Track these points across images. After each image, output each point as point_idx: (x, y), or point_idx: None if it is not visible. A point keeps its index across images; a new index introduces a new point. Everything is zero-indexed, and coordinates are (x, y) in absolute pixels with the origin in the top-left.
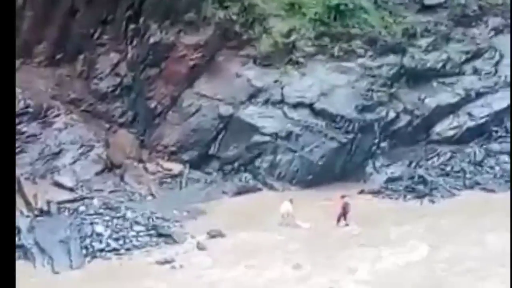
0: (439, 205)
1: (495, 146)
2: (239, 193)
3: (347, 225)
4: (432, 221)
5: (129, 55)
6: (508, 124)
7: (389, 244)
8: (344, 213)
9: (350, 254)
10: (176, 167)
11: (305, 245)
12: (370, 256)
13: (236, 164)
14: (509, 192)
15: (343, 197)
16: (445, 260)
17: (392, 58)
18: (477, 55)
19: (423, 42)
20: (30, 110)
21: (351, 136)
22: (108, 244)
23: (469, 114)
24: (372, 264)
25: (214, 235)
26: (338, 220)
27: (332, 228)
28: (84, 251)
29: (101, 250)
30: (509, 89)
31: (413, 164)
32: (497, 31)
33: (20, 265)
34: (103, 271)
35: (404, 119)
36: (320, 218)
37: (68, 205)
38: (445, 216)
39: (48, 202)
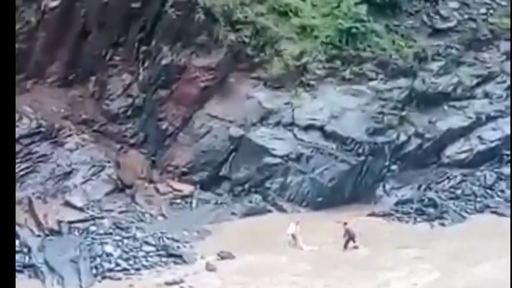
0: (449, 229)
1: (506, 170)
2: (248, 214)
3: (355, 247)
4: (442, 245)
5: (141, 77)
6: None
7: (398, 268)
8: (350, 238)
9: (358, 277)
10: (186, 188)
11: (314, 268)
12: (379, 280)
13: (246, 186)
14: None
15: (345, 224)
16: (454, 285)
17: (403, 82)
18: (488, 79)
19: (434, 65)
20: (42, 130)
21: (361, 158)
22: (118, 264)
23: (480, 138)
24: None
25: (223, 256)
26: (345, 246)
27: (341, 251)
28: (94, 271)
29: (111, 270)
30: None
31: (423, 187)
32: (508, 55)
33: (31, 284)
34: None
35: (415, 142)
36: (329, 240)
37: (78, 225)
38: (456, 240)
39: (59, 222)
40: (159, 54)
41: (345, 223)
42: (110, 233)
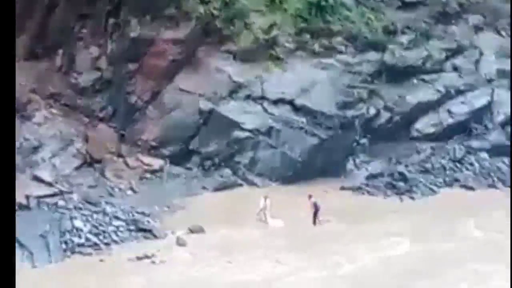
0: (419, 202)
1: (475, 143)
2: (219, 188)
3: (328, 221)
4: (412, 218)
5: (109, 50)
6: (487, 122)
7: (369, 241)
8: (315, 212)
9: (331, 249)
10: (156, 162)
11: (286, 242)
12: (351, 252)
13: (216, 160)
14: (487, 191)
15: (310, 197)
16: (426, 255)
17: (372, 55)
18: (457, 52)
19: (404, 39)
20: None
21: (331, 132)
22: (87, 239)
23: (449, 111)
24: (354, 259)
25: (194, 230)
26: (314, 221)
27: (311, 224)
28: (63, 246)
29: (81, 245)
30: (489, 86)
31: (393, 161)
32: (477, 28)
33: None
34: (83, 266)
35: (385, 116)
36: (301, 214)
37: (47, 199)
38: (425, 213)
39: (27, 197)
40: (128, 27)
41: (310, 196)
42: (80, 208)
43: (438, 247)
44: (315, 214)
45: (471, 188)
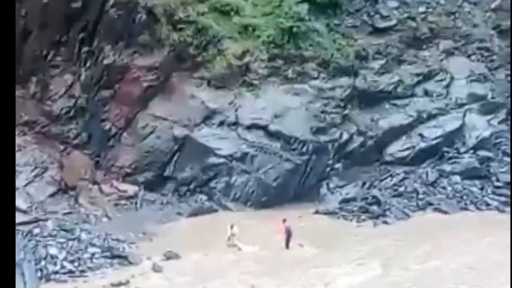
0: (393, 227)
1: (447, 167)
2: (194, 214)
3: (302, 245)
4: (385, 242)
5: (83, 77)
6: (460, 145)
7: (343, 265)
8: (288, 237)
9: (304, 274)
10: (131, 189)
11: (260, 266)
12: (324, 276)
13: (191, 186)
14: (460, 214)
15: (284, 221)
16: (397, 279)
17: (345, 80)
18: (428, 77)
19: (375, 64)
20: None
21: (305, 157)
22: (62, 266)
23: (421, 135)
24: (326, 284)
25: (169, 256)
26: (287, 245)
27: (286, 250)
28: (38, 274)
29: (56, 273)
30: (461, 110)
31: (367, 185)
32: (448, 53)
33: None
34: None
35: (358, 141)
36: (274, 239)
37: (22, 227)
38: (399, 237)
39: None
40: (101, 54)
41: (284, 220)
42: (55, 235)
43: (410, 272)
44: (288, 239)
45: (445, 212)
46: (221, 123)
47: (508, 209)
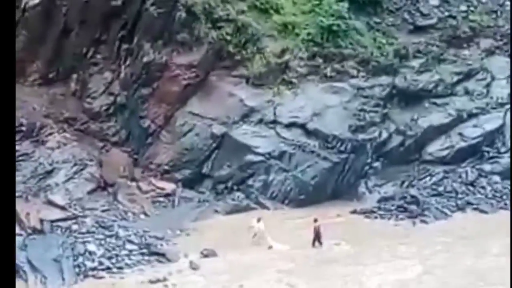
0: (431, 226)
1: (487, 166)
2: (231, 212)
3: (339, 244)
4: (424, 242)
5: (122, 74)
6: (500, 145)
7: (380, 265)
8: (317, 237)
9: (341, 273)
10: (169, 186)
11: (297, 265)
12: (362, 275)
13: (229, 183)
14: (499, 213)
15: (315, 220)
16: (437, 280)
17: (384, 79)
18: (469, 76)
19: (415, 63)
20: (23, 128)
21: (343, 156)
22: (100, 263)
23: (461, 135)
24: (363, 283)
25: (206, 254)
26: (313, 244)
27: (323, 247)
28: (76, 270)
29: (94, 269)
30: (501, 109)
31: (405, 184)
32: (488, 52)
33: None
34: None
35: (397, 139)
36: (311, 238)
37: (60, 223)
38: (438, 237)
39: (41, 221)
40: (141, 52)
41: (315, 220)
42: (93, 232)
43: (449, 271)
44: (317, 238)
45: (484, 211)
46: (259, 121)
47: None
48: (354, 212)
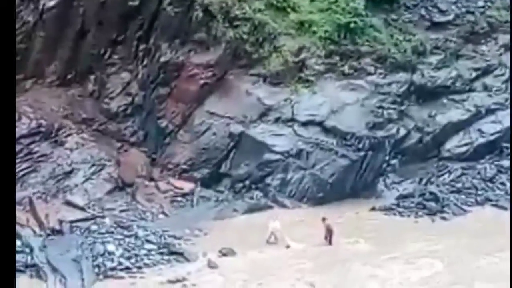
0: (451, 222)
1: (506, 162)
2: (250, 211)
3: (358, 242)
4: (444, 238)
5: (140, 75)
6: None
7: (400, 262)
8: (329, 235)
9: (362, 271)
10: (187, 186)
11: (316, 264)
12: (382, 273)
13: (247, 182)
14: None
15: (324, 219)
16: (457, 276)
17: (402, 76)
18: (487, 72)
19: (433, 59)
20: (42, 129)
21: (361, 153)
22: (120, 263)
23: (480, 131)
24: (383, 281)
25: (225, 253)
26: (330, 242)
27: (342, 246)
28: (96, 270)
29: (113, 269)
30: None
31: (424, 181)
32: (507, 48)
33: (33, 284)
34: None
35: (415, 136)
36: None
37: (80, 224)
38: (457, 233)
39: (60, 221)
40: (158, 52)
41: (324, 219)
42: (112, 232)
43: (470, 268)
44: (329, 237)
45: (503, 208)
46: (277, 120)
47: None
48: (373, 209)
